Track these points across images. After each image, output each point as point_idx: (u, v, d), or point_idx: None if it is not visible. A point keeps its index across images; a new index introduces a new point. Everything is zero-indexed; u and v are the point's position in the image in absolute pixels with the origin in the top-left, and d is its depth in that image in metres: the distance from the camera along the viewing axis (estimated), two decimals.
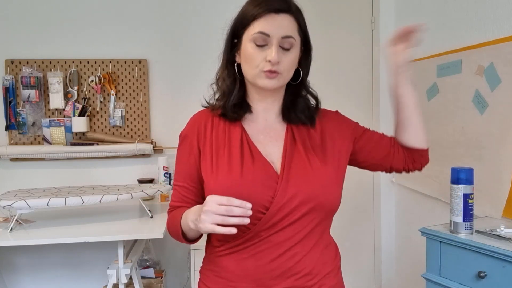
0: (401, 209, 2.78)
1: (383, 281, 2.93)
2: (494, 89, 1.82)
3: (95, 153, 2.61)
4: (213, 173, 1.02)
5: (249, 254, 1.01)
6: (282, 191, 0.99)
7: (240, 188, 0.98)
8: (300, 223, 1.00)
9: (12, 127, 2.60)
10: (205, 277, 1.11)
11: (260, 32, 0.99)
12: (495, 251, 1.40)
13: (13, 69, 2.60)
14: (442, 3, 2.23)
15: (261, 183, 0.99)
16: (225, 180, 1.00)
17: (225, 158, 1.03)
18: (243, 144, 1.05)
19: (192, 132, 1.09)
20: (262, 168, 1.02)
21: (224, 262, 1.05)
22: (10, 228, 2.00)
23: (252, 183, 0.99)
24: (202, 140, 1.07)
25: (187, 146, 1.09)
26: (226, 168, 1.01)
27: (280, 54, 0.99)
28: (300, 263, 1.01)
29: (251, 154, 1.03)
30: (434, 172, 2.29)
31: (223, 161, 1.03)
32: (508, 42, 1.75)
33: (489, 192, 1.82)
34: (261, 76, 1.01)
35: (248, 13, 1.01)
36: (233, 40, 1.06)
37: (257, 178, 1.00)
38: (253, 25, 1.00)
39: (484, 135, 1.88)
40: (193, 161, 1.08)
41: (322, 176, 1.03)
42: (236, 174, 1.00)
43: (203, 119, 1.10)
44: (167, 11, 2.72)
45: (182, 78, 2.71)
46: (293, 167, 1.03)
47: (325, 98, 1.25)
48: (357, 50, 2.84)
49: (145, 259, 2.61)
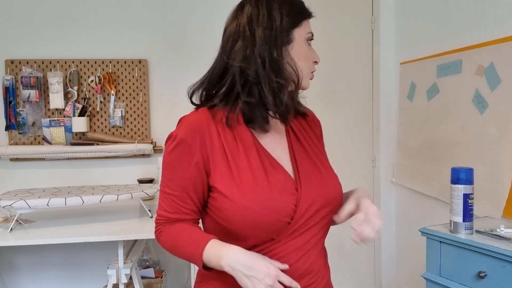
0: (401, 209, 2.78)
1: (383, 281, 2.93)
2: (494, 89, 1.82)
3: (95, 153, 2.61)
4: (235, 183, 0.94)
5: None
6: (303, 198, 0.97)
7: (268, 200, 0.93)
8: (317, 226, 1.01)
9: (12, 127, 2.60)
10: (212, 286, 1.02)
11: (311, 33, 1.02)
12: (495, 251, 1.40)
13: (13, 69, 2.60)
14: (442, 3, 2.23)
15: (285, 192, 0.96)
16: (251, 191, 0.93)
17: (245, 166, 0.95)
18: (258, 150, 0.98)
19: (193, 138, 0.96)
20: (283, 175, 0.98)
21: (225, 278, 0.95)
22: (10, 228, 2.00)
23: (278, 193, 0.95)
24: (209, 148, 0.96)
25: (186, 152, 0.96)
26: (251, 178, 0.94)
27: None
28: (314, 263, 1.01)
29: (269, 161, 0.98)
30: (434, 172, 2.29)
31: (245, 170, 0.95)
32: (508, 42, 1.75)
33: (489, 192, 1.82)
34: (309, 77, 1.03)
35: (298, 12, 1.01)
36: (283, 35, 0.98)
37: (282, 187, 0.96)
38: (304, 25, 1.01)
39: (484, 135, 1.88)
40: (195, 170, 0.96)
41: (330, 173, 1.06)
42: (263, 184, 0.94)
43: (204, 122, 0.98)
44: (167, 11, 2.72)
45: (182, 78, 2.71)
46: (303, 170, 1.02)
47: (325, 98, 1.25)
48: (357, 50, 2.84)
49: (145, 259, 2.61)
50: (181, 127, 0.99)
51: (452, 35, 2.15)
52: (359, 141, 2.87)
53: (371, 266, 2.94)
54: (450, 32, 2.16)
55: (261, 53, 0.95)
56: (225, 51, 1.00)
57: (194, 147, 0.96)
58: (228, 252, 0.91)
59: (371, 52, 2.84)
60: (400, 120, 2.69)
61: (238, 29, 0.98)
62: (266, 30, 0.96)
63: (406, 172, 2.63)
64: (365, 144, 2.88)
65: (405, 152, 2.64)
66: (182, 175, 0.97)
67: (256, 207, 0.91)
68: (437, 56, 2.24)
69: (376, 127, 2.86)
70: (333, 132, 2.87)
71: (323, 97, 2.79)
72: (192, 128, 0.97)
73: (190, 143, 0.96)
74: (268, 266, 0.89)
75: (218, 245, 0.92)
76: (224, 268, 0.90)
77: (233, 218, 0.93)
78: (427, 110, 2.35)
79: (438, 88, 2.24)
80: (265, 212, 0.92)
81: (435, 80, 2.26)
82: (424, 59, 2.38)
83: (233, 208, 0.92)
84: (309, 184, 0.99)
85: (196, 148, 0.96)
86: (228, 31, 1.01)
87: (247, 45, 0.96)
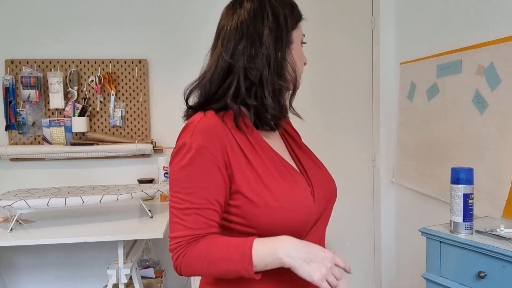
0: (401, 209, 2.78)
1: (383, 281, 2.93)
2: (494, 89, 1.82)
3: (95, 153, 2.61)
4: (265, 186, 0.89)
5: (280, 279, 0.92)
6: (317, 194, 0.98)
7: (301, 199, 0.92)
8: (326, 220, 1.03)
9: (12, 127, 2.60)
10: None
11: (304, 35, 1.03)
12: (495, 251, 1.40)
13: (13, 69, 2.60)
14: (442, 3, 2.23)
15: (307, 189, 0.96)
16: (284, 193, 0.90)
17: (268, 168, 0.92)
18: (273, 151, 0.96)
19: (212, 143, 0.88)
20: (298, 174, 0.97)
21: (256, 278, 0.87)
22: (10, 228, 2.00)
23: (304, 191, 0.94)
24: (230, 152, 0.90)
25: (208, 159, 0.88)
26: (279, 179, 0.91)
27: None
28: None
29: (282, 162, 0.96)
30: (434, 172, 2.29)
31: (270, 173, 0.91)
32: (508, 42, 1.75)
33: (489, 192, 1.82)
34: (301, 77, 1.03)
35: (296, 13, 1.01)
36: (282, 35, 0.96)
37: (303, 184, 0.95)
38: (299, 26, 1.01)
39: (484, 135, 1.88)
40: (221, 178, 0.88)
41: (328, 172, 1.08)
42: (291, 184, 0.92)
43: (220, 126, 0.92)
44: (167, 11, 2.72)
45: (182, 78, 2.71)
46: (308, 168, 1.02)
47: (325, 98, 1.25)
48: (357, 50, 2.83)
49: (145, 259, 2.61)
50: (195, 133, 0.89)
51: (452, 35, 2.15)
52: (359, 141, 2.87)
53: (371, 266, 2.94)
54: (450, 32, 2.16)
55: (267, 54, 0.92)
56: (226, 50, 0.94)
57: (216, 153, 0.88)
58: (282, 242, 0.85)
59: (371, 52, 2.84)
60: (400, 120, 2.69)
61: (240, 27, 0.93)
62: (272, 30, 0.93)
63: (406, 172, 2.63)
64: (365, 144, 2.88)
65: (405, 152, 2.64)
66: (206, 185, 0.87)
67: (293, 207, 0.89)
68: (437, 56, 2.24)
69: (376, 127, 2.86)
70: (333, 132, 2.87)
71: (323, 97, 2.79)
72: (209, 134, 0.89)
73: (211, 150, 0.88)
74: (323, 250, 0.86)
75: (266, 241, 0.85)
76: (283, 260, 0.83)
77: (266, 222, 0.88)
78: (427, 110, 2.35)
79: (438, 88, 2.24)
80: (301, 211, 0.90)
81: (435, 80, 2.26)
82: (424, 59, 2.38)
83: (267, 212, 0.88)
84: (317, 180, 1.01)
85: (217, 154, 0.88)
86: (227, 28, 0.95)
87: (252, 45, 0.92)
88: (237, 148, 0.91)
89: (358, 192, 2.85)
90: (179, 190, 0.89)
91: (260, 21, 0.93)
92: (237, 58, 0.93)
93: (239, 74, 0.93)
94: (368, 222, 2.89)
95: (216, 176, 0.88)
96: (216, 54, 0.97)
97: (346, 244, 2.85)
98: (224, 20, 0.98)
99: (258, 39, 0.93)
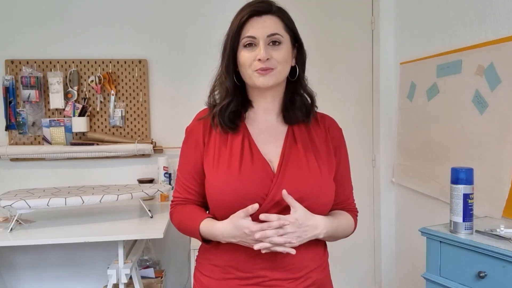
0: (401, 209, 2.78)
1: (383, 281, 2.93)
2: (494, 89, 1.82)
3: (95, 153, 2.61)
4: (214, 168, 1.09)
5: (243, 246, 1.05)
6: (276, 189, 1.04)
7: (237, 184, 1.05)
8: None
9: (12, 127, 2.60)
10: (200, 265, 1.18)
11: (248, 36, 1.07)
12: (495, 251, 1.40)
13: (13, 69, 2.60)
14: (442, 3, 2.23)
15: (257, 180, 1.06)
16: (224, 175, 1.07)
17: (226, 155, 1.10)
18: (244, 143, 1.11)
19: (198, 128, 1.15)
20: (260, 166, 1.08)
21: (219, 252, 1.11)
22: (10, 228, 2.00)
23: (248, 180, 1.05)
24: (207, 137, 1.13)
25: (193, 141, 1.15)
26: (226, 164, 1.08)
27: (269, 51, 1.06)
28: (289, 257, 1.05)
29: (251, 153, 1.10)
30: (434, 172, 2.29)
31: (224, 158, 1.09)
32: (508, 42, 1.75)
33: (489, 192, 1.82)
34: (255, 76, 1.07)
35: (234, 25, 1.08)
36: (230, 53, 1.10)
37: (254, 175, 1.06)
38: (242, 33, 1.07)
39: (484, 135, 1.88)
40: (199, 155, 1.13)
41: (318, 176, 1.09)
42: (234, 170, 1.07)
43: (208, 116, 1.15)
44: (167, 11, 2.72)
45: (182, 78, 2.71)
46: (290, 166, 1.08)
47: (325, 97, 1.26)
48: (357, 50, 2.83)
49: (145, 259, 2.61)
50: (192, 121, 1.19)
51: (452, 35, 2.15)
52: (359, 141, 2.87)
53: (371, 266, 2.94)
54: (450, 32, 2.16)
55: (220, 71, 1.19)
56: None
57: (198, 137, 1.14)
58: (215, 229, 1.06)
59: (371, 52, 2.84)
60: (400, 120, 2.69)
61: None
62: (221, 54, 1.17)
63: (406, 172, 2.63)
64: (365, 144, 2.88)
65: (405, 152, 2.64)
66: (190, 160, 1.15)
67: (224, 188, 1.05)
68: (437, 56, 2.24)
69: (376, 127, 2.86)
70: None
71: (323, 97, 2.78)
72: (198, 121, 1.17)
73: (196, 134, 1.15)
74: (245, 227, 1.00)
75: (207, 224, 1.08)
76: (222, 241, 1.06)
77: (210, 198, 1.10)
78: (427, 110, 2.35)
79: (438, 88, 2.24)
80: (231, 194, 1.04)
81: (435, 80, 2.26)
82: (424, 59, 2.38)
83: (211, 188, 1.09)
84: (288, 178, 1.06)
85: (199, 138, 1.14)
86: None
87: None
88: (214, 132, 1.13)
89: (358, 192, 2.82)
90: (178, 164, 1.19)
91: None
92: None
93: None
94: (368, 222, 2.89)
95: (194, 155, 1.14)
96: None
97: (346, 244, 2.85)
98: None
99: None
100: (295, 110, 1.15)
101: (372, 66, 2.84)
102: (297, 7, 1.20)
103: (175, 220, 1.19)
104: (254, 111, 1.15)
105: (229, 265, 1.09)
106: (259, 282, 1.07)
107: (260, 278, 1.07)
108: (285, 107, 1.16)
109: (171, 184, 2.61)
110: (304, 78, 1.17)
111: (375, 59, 2.83)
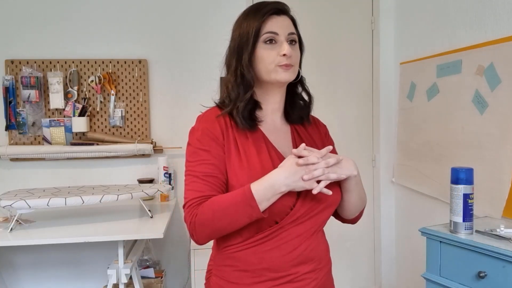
0: (401, 209, 2.78)
1: (383, 281, 2.93)
2: (494, 89, 1.82)
3: (95, 153, 2.61)
4: (243, 169, 1.06)
5: (273, 246, 1.07)
6: (305, 190, 1.05)
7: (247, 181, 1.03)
8: (318, 217, 1.10)
9: (12, 127, 2.60)
10: (223, 273, 1.12)
11: (270, 32, 1.09)
12: (495, 251, 1.40)
13: (13, 69, 2.60)
14: (442, 3, 2.23)
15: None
16: (259, 172, 1.04)
17: (255, 156, 1.08)
18: (267, 144, 1.11)
19: (214, 127, 1.09)
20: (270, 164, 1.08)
21: (246, 256, 1.08)
22: (10, 228, 2.00)
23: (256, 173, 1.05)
24: (226, 137, 1.09)
25: (211, 137, 1.08)
26: (259, 165, 1.06)
27: (290, 49, 1.08)
28: (314, 250, 1.11)
29: (276, 155, 1.11)
30: (434, 172, 2.29)
31: (254, 159, 1.07)
32: (508, 42, 1.75)
33: (489, 192, 1.82)
34: (277, 71, 1.09)
35: (254, 22, 1.09)
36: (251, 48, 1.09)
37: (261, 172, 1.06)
38: (262, 29, 1.09)
39: (484, 135, 1.88)
40: (221, 152, 1.08)
41: None
42: (268, 168, 1.05)
43: (220, 116, 1.12)
44: (167, 11, 2.72)
45: (182, 78, 2.71)
46: None
47: (325, 97, 1.27)
48: (357, 50, 2.84)
49: (145, 259, 2.61)
50: (201, 121, 1.12)
51: (452, 35, 2.15)
52: (359, 141, 2.87)
53: (371, 266, 2.94)
54: (450, 32, 2.16)
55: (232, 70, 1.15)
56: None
57: (217, 134, 1.09)
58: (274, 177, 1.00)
59: (371, 52, 2.84)
60: (400, 120, 2.69)
61: None
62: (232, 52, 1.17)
63: (406, 172, 2.63)
64: (365, 144, 2.88)
65: (405, 152, 2.64)
66: (212, 157, 1.07)
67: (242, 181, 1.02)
68: (437, 56, 2.25)
69: (376, 127, 2.86)
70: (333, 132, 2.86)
71: (323, 97, 2.79)
72: (211, 120, 1.11)
73: (213, 131, 1.09)
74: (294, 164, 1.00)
75: (260, 182, 1.01)
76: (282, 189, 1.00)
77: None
78: (427, 110, 2.35)
79: (438, 88, 2.24)
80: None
81: (435, 80, 2.26)
82: (424, 59, 2.38)
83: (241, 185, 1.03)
84: None
85: (218, 135, 1.09)
86: None
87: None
88: (231, 133, 1.10)
89: None
90: (190, 161, 1.09)
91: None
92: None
93: None
94: (368, 222, 2.90)
95: (217, 152, 1.08)
96: None
97: (346, 244, 2.85)
98: None
99: None
100: (298, 110, 1.19)
101: (372, 66, 2.84)
102: (297, 7, 1.21)
103: (206, 215, 1.02)
104: (262, 112, 1.16)
105: (261, 268, 1.07)
106: (291, 279, 1.08)
107: (292, 275, 1.08)
108: (287, 108, 1.19)
109: (171, 184, 2.61)
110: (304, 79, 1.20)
111: (375, 59, 2.83)
